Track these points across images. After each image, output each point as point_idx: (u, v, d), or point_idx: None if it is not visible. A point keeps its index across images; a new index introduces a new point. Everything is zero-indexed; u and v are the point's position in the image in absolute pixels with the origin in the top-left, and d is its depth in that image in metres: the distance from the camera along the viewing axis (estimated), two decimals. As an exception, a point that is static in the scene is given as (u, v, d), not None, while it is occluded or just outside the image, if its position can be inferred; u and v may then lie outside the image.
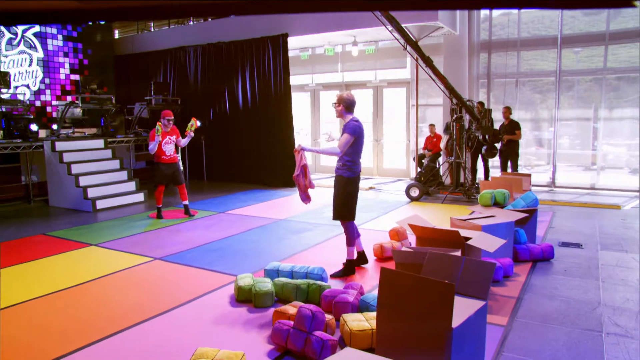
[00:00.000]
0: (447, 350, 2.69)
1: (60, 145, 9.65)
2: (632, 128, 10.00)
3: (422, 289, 2.81)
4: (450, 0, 1.19)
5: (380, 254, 5.71)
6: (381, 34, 10.76)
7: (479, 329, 3.08)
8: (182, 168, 8.41)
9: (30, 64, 11.72)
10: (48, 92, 12.12)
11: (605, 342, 3.57)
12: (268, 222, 7.87)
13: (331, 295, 4.15)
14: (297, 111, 12.75)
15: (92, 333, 3.88)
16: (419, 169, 10.82)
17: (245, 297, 4.39)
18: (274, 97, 11.58)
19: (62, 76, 12.43)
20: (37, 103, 11.85)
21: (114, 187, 9.72)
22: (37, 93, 11.88)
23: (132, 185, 10.05)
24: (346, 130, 4.95)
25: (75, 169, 9.50)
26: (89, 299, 4.65)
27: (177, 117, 12.16)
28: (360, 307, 4.05)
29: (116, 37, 15.82)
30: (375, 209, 8.66)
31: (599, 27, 10.14)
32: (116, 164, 10.31)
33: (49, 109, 12.13)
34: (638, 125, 9.78)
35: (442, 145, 10.74)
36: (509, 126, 9.68)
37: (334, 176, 5.19)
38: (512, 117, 9.83)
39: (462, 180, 9.54)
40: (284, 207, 9.21)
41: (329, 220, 7.72)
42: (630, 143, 10.19)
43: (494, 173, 10.33)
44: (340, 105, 5.07)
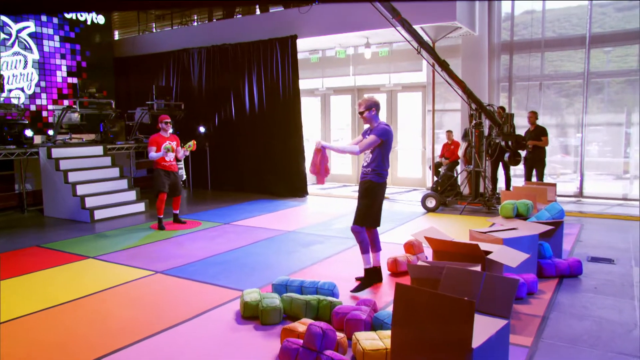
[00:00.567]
0: (466, 371, 2.69)
1: (56, 152, 9.76)
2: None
3: (439, 306, 2.81)
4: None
5: (394, 269, 5.71)
6: (396, 35, 10.77)
7: (501, 350, 3.07)
8: (184, 177, 8.52)
9: (25, 66, 11.86)
10: (44, 95, 12.26)
11: (637, 365, 3.54)
12: (276, 234, 7.89)
13: (343, 312, 4.16)
14: (307, 117, 12.80)
15: (88, 351, 3.91)
16: (435, 178, 10.81)
17: (251, 314, 4.40)
18: (282, 101, 11.64)
19: (59, 79, 12.57)
20: (32, 107, 11.98)
21: (113, 197, 9.79)
22: (33, 97, 12.01)
23: (132, 195, 10.13)
24: (374, 132, 5.00)
25: (72, 177, 9.59)
26: (85, 314, 4.68)
27: (180, 123, 12.32)
28: (373, 324, 4.05)
29: (116, 38, 16.03)
30: (389, 221, 8.65)
31: (634, 23, 10.03)
32: (116, 172, 10.40)
33: (44, 113, 12.26)
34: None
35: (460, 152, 10.73)
36: (534, 132, 9.64)
37: (360, 182, 5.24)
38: (538, 122, 9.79)
39: (481, 190, 9.51)
40: (292, 218, 9.23)
41: (340, 232, 7.73)
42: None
43: (517, 182, 10.29)
44: (373, 109, 5.10)
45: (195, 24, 15.42)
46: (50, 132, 10.61)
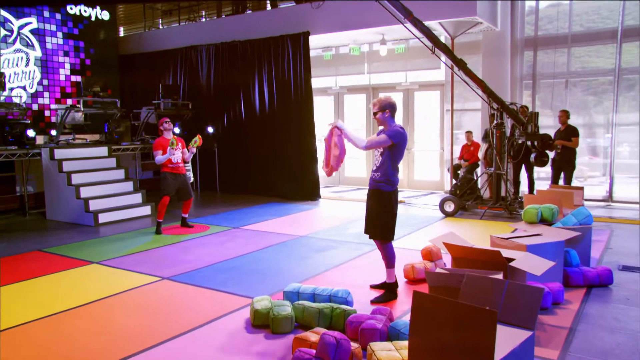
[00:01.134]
0: (488, 385, 2.67)
1: (59, 153, 9.85)
2: None
3: (459, 316, 2.80)
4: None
5: (411, 276, 5.69)
6: (413, 31, 10.77)
7: (525, 362, 3.05)
8: (192, 179, 8.57)
9: (27, 64, 12.00)
10: (46, 94, 12.40)
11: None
12: (287, 238, 7.90)
13: (357, 321, 4.15)
14: (319, 117, 12.81)
15: None
16: (454, 181, 10.77)
17: (262, 322, 4.41)
18: (294, 101, 11.68)
19: (62, 77, 12.72)
20: (35, 107, 12.12)
21: (118, 199, 9.87)
22: (35, 96, 12.16)
23: (138, 197, 10.20)
24: (387, 132, 4.92)
25: (76, 179, 9.68)
26: (89, 322, 4.71)
27: (188, 123, 12.39)
28: (389, 334, 4.04)
29: (121, 34, 16.17)
30: (406, 226, 8.63)
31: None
32: (121, 173, 10.49)
33: (47, 113, 12.40)
34: None
35: (481, 154, 10.67)
36: (565, 132, 9.52)
37: (369, 190, 5.16)
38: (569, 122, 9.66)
39: (503, 193, 9.46)
40: (304, 223, 9.24)
41: (354, 238, 7.73)
42: None
43: (540, 186, 10.22)
44: (387, 111, 5.02)
45: (203, 20, 15.52)
46: (53, 132, 10.72)
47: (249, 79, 12.32)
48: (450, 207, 9.48)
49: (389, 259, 5.16)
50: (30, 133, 9.85)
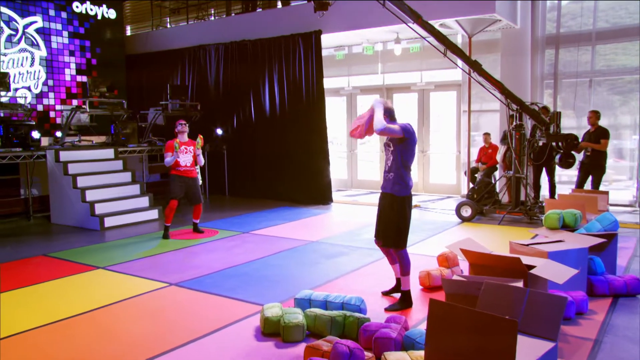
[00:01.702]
0: (509, 398, 2.65)
1: (64, 155, 9.93)
2: None
3: (478, 326, 2.79)
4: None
5: (427, 283, 5.67)
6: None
7: (547, 374, 3.02)
8: (200, 182, 8.58)
9: (32, 64, 12.11)
10: (52, 95, 12.51)
11: None
12: (298, 244, 7.91)
13: (371, 329, 4.14)
14: (332, 118, 12.83)
15: (100, 368, 3.96)
16: (471, 185, 10.72)
17: (272, 330, 4.42)
18: (306, 102, 11.69)
19: (68, 77, 12.82)
20: (40, 107, 12.23)
21: (125, 203, 9.93)
22: (40, 96, 12.26)
23: (145, 201, 10.26)
24: (400, 124, 4.89)
25: (82, 181, 9.74)
26: (94, 329, 4.74)
27: (196, 125, 12.44)
28: (404, 344, 4.02)
29: (128, 34, 16.30)
30: (421, 231, 8.60)
31: None
32: (127, 176, 10.55)
33: (52, 114, 12.51)
34: None
35: (499, 157, 10.62)
36: (594, 133, 9.33)
37: (382, 192, 5.15)
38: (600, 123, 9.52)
39: (522, 198, 9.40)
40: (316, 228, 9.24)
41: (367, 243, 7.71)
42: None
43: (563, 190, 10.12)
44: (385, 116, 5.01)
45: (212, 18, 15.60)
46: (58, 134, 10.79)
47: (259, 79, 12.35)
48: (467, 211, 9.44)
49: (404, 267, 5.14)
50: (35, 134, 9.92)
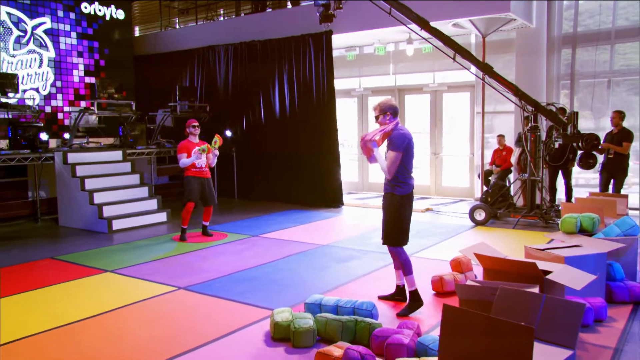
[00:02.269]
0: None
1: (72, 157, 10.00)
2: None
3: (493, 332, 2.77)
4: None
5: (440, 288, 5.65)
6: (441, 29, 10.68)
7: (564, 382, 3.00)
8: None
9: (40, 65, 12.20)
10: (60, 96, 12.59)
11: None
12: (308, 247, 7.90)
13: (383, 335, 4.13)
14: (342, 120, 12.82)
15: (108, 372, 3.98)
16: (485, 188, 10.68)
17: (282, 335, 4.41)
18: (316, 103, 11.70)
19: (76, 79, 12.91)
20: (48, 109, 12.31)
21: (133, 205, 9.98)
22: (48, 98, 12.34)
23: (153, 204, 10.31)
24: (391, 147, 5.00)
25: (90, 184, 9.80)
26: (102, 333, 4.75)
27: (205, 127, 12.45)
28: (417, 350, 4.00)
29: (137, 34, 16.39)
30: (433, 235, 8.57)
31: None
32: (136, 178, 10.60)
33: (60, 115, 12.59)
34: None
35: (514, 159, 10.57)
36: (618, 135, 9.18)
37: (383, 194, 5.22)
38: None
39: (538, 201, 9.34)
40: (326, 231, 9.24)
41: (379, 247, 7.68)
42: None
43: (579, 193, 10.04)
44: (388, 114, 5.13)
45: (221, 19, 15.66)
46: (66, 136, 10.86)
47: (268, 80, 12.37)
48: (480, 215, 9.40)
49: (404, 266, 5.18)
50: (43, 136, 9.95)
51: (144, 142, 11.76)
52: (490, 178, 10.90)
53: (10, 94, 10.13)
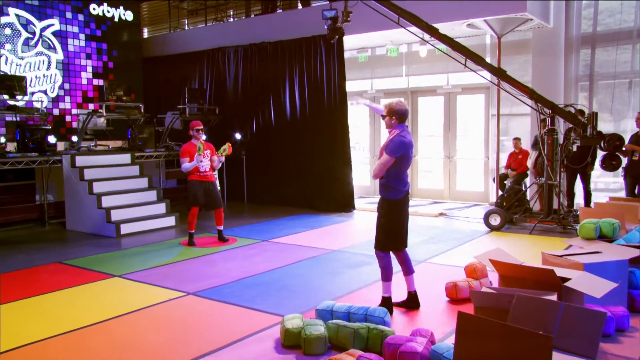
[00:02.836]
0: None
1: (80, 160, 10.06)
2: None
3: (510, 341, 2.75)
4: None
5: (454, 295, 5.61)
6: (455, 30, 10.71)
7: (585, 394, 2.97)
8: (218, 188, 8.60)
9: (48, 67, 12.30)
10: (68, 99, 12.68)
11: None
12: (319, 252, 7.89)
13: (396, 343, 4.10)
14: (354, 122, 12.81)
15: (116, 379, 3.98)
16: (500, 192, 10.62)
17: (293, 342, 4.40)
18: (327, 105, 11.70)
19: (84, 81, 13.00)
20: (56, 111, 12.41)
21: (141, 209, 10.02)
22: (56, 100, 12.44)
23: (162, 207, 10.35)
24: (387, 150, 5.03)
25: (98, 187, 9.85)
26: (110, 339, 4.77)
27: (214, 129, 12.52)
28: (431, 358, 3.97)
29: (145, 36, 16.49)
30: (447, 240, 8.53)
31: None
32: (144, 182, 10.65)
33: (68, 118, 12.68)
34: None
35: (530, 163, 10.50)
36: None
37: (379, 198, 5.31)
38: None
39: (555, 206, 9.28)
40: (338, 236, 9.22)
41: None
42: None
43: (599, 198, 9.95)
44: (394, 118, 5.16)
45: (231, 20, 15.71)
46: (74, 139, 10.94)
47: (279, 82, 12.39)
48: (496, 220, 9.34)
49: (382, 271, 5.29)
50: (51, 139, 10.04)
51: (153, 145, 11.81)
52: (505, 182, 10.84)
53: (19, 97, 10.23)
